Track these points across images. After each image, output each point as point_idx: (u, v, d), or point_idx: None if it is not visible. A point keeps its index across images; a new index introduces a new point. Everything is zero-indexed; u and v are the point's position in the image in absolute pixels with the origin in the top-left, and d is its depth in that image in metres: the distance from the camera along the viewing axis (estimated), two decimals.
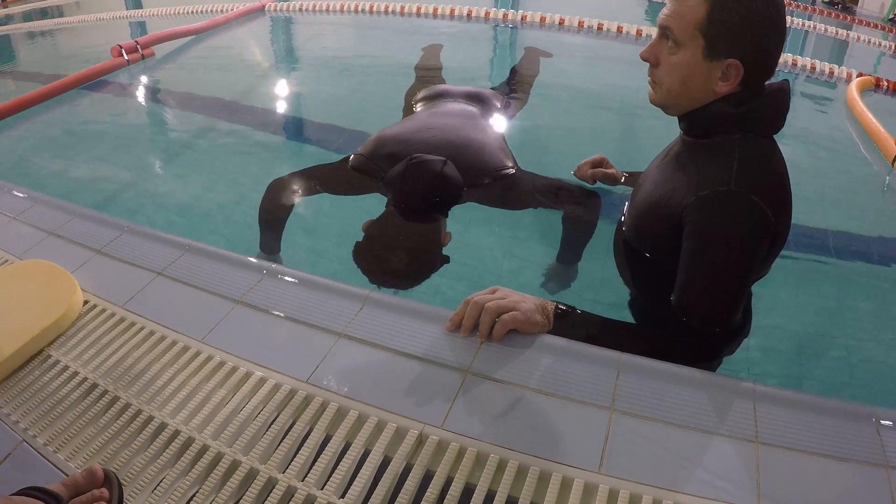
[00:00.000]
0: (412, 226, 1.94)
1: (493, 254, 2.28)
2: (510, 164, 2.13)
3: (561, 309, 1.43)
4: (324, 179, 2.22)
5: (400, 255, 1.87)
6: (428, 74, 3.56)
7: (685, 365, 1.31)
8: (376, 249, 1.87)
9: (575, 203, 2.12)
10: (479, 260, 2.21)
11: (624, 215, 1.74)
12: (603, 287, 1.96)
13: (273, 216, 2.18)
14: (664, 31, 1.40)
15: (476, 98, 2.70)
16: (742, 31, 1.31)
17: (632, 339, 1.41)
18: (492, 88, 3.12)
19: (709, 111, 1.41)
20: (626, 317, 1.68)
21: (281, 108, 3.89)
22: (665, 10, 1.40)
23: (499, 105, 2.76)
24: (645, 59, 1.46)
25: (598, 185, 2.12)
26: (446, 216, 1.99)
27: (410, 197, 1.94)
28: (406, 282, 1.86)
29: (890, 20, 7.40)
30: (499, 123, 2.64)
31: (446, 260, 1.88)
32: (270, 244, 2.16)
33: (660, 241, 1.50)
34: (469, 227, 2.22)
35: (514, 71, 3.79)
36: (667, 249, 1.44)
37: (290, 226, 2.19)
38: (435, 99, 2.72)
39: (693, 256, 1.37)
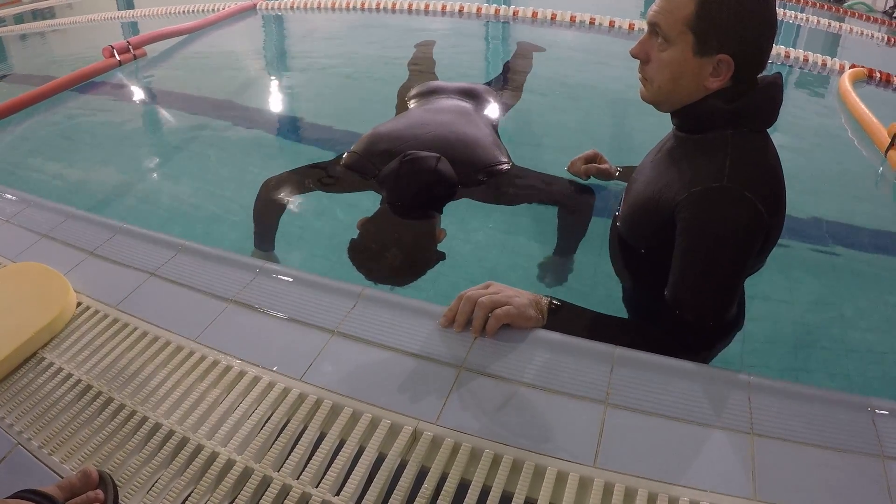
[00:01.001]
0: (407, 223, 1.94)
1: (488, 249, 2.28)
2: (504, 160, 2.13)
3: (555, 304, 1.43)
4: (317, 177, 2.22)
5: (395, 252, 1.87)
6: (421, 71, 3.56)
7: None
8: (371, 247, 1.87)
9: (569, 198, 2.12)
10: (474, 255, 2.21)
11: (618, 210, 1.74)
12: (598, 282, 1.96)
13: (267, 215, 2.18)
14: (653, 28, 1.39)
15: (469, 94, 2.69)
16: (731, 26, 1.30)
17: (626, 333, 1.41)
18: (485, 84, 3.11)
19: (701, 107, 1.41)
20: (621, 311, 1.68)
21: (273, 106, 3.89)
22: (654, 7, 1.39)
23: (492, 101, 2.76)
24: (635, 56, 1.45)
25: (592, 180, 2.12)
26: (441, 213, 1.99)
27: (405, 194, 1.94)
28: (402, 279, 1.86)
29: (885, 13, 7.41)
30: (492, 119, 2.63)
31: (442, 256, 1.88)
32: (265, 243, 2.16)
33: (653, 236, 1.50)
34: (463, 223, 2.22)
35: (506, 66, 3.79)
36: (660, 245, 1.44)
37: (284, 224, 2.19)
38: (428, 95, 2.71)
39: (686, 253, 1.37)
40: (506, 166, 2.11)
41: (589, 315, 1.45)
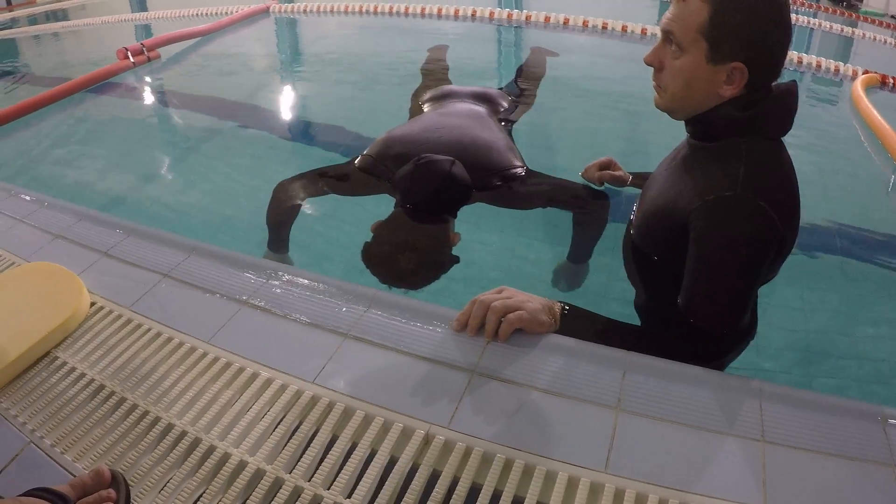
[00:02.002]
0: (421, 226, 1.93)
1: (502, 253, 2.28)
2: (519, 164, 2.13)
3: (567, 309, 1.43)
4: (331, 181, 2.22)
5: (409, 256, 1.86)
6: (434, 75, 3.56)
7: None
8: (385, 250, 1.86)
9: (584, 203, 2.12)
10: (488, 260, 2.21)
11: (633, 217, 1.73)
12: (611, 288, 1.96)
13: (281, 217, 2.19)
14: (667, 36, 1.38)
15: (483, 98, 2.69)
16: (745, 33, 1.30)
17: (638, 340, 1.40)
18: (498, 88, 3.11)
19: (715, 115, 1.40)
20: (634, 318, 1.68)
21: (287, 109, 3.90)
22: (667, 14, 1.38)
23: (506, 105, 2.76)
24: (648, 64, 1.44)
25: (606, 186, 2.12)
26: (455, 216, 1.98)
27: (419, 197, 1.93)
28: (416, 283, 1.86)
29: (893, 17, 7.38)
30: (506, 123, 2.63)
31: (456, 260, 1.87)
32: (279, 245, 2.16)
33: (666, 244, 1.49)
34: (478, 227, 2.22)
35: (520, 71, 3.79)
36: (673, 253, 1.43)
37: (298, 227, 2.19)
38: (442, 99, 2.71)
39: (699, 262, 1.36)
40: (520, 170, 2.11)
41: (601, 321, 1.45)
